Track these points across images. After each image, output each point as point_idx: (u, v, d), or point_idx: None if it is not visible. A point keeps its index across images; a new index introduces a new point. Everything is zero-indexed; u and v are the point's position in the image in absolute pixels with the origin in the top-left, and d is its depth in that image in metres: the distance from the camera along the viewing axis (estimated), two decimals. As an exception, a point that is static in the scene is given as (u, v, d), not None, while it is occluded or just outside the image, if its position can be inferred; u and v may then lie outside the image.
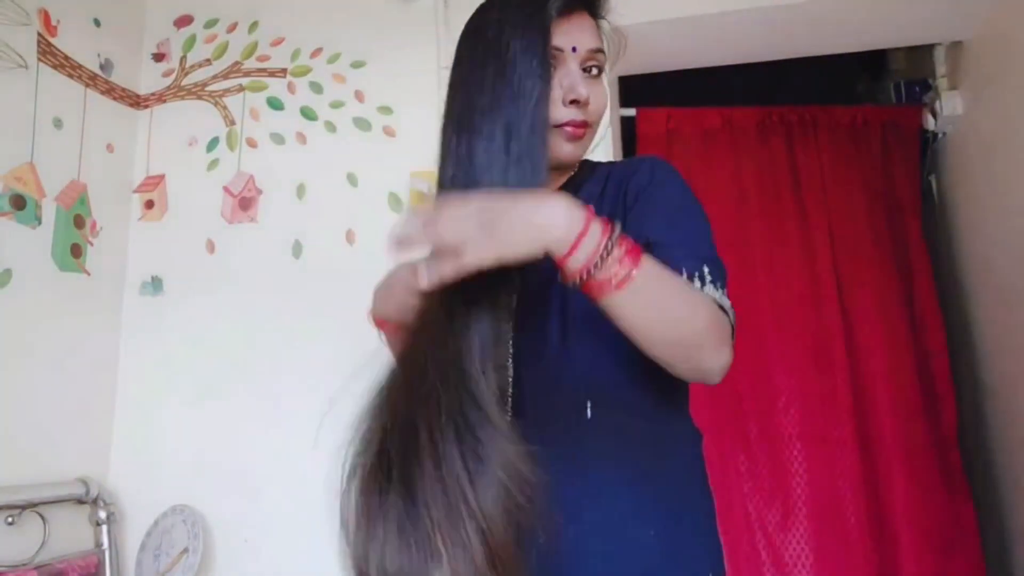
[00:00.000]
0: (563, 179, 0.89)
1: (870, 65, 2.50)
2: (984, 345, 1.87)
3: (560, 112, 0.80)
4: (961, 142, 1.95)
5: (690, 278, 0.71)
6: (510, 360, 0.76)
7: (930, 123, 1.99)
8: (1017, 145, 1.66)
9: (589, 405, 0.75)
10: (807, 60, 2.00)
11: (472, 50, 0.83)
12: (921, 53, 2.11)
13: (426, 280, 0.65)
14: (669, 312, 0.65)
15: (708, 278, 0.71)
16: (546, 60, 0.76)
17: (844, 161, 1.98)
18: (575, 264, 0.61)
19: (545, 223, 0.61)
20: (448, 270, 0.63)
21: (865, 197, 1.96)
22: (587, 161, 0.94)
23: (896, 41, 2.04)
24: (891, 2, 1.73)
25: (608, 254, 0.61)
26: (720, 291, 0.72)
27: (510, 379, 0.76)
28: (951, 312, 1.98)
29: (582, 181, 0.89)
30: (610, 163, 0.93)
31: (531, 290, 0.79)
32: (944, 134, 2.00)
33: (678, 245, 0.73)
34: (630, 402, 0.76)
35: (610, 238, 0.61)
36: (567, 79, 0.80)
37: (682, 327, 0.66)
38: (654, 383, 0.75)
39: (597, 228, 0.62)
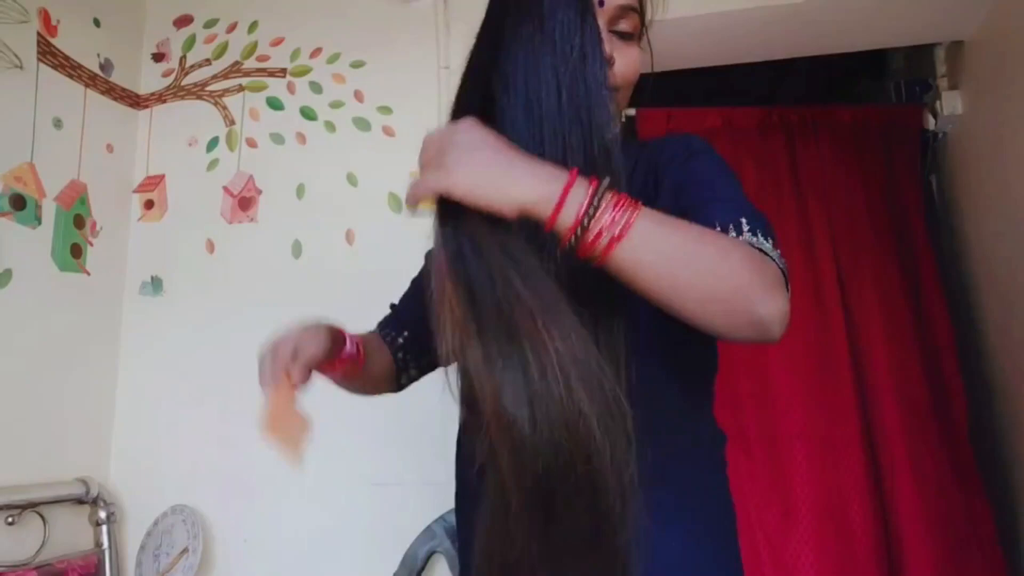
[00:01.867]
0: None
1: (870, 65, 2.50)
2: (986, 344, 1.87)
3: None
4: (961, 142, 1.95)
5: (724, 230, 0.63)
6: None
7: (930, 123, 1.99)
8: (1017, 145, 1.66)
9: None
10: (807, 60, 2.00)
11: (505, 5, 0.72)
12: (921, 53, 2.10)
13: (406, 200, 0.63)
14: (691, 260, 0.56)
15: (746, 227, 0.63)
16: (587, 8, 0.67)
17: (844, 161, 1.98)
18: (566, 219, 0.55)
19: (524, 176, 0.56)
20: (419, 189, 0.60)
21: (866, 196, 1.96)
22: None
23: (896, 41, 2.04)
24: (891, 2, 1.73)
25: (599, 201, 0.55)
26: (763, 239, 0.63)
27: None
28: (953, 311, 1.98)
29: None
30: (641, 143, 0.86)
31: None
32: (944, 134, 2.00)
33: (712, 202, 0.66)
34: (659, 401, 0.69)
35: (598, 187, 0.55)
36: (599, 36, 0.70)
37: (712, 275, 0.56)
38: (679, 382, 0.72)
39: (584, 180, 0.56)
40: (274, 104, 1.91)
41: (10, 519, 1.48)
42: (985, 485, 1.77)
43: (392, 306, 1.07)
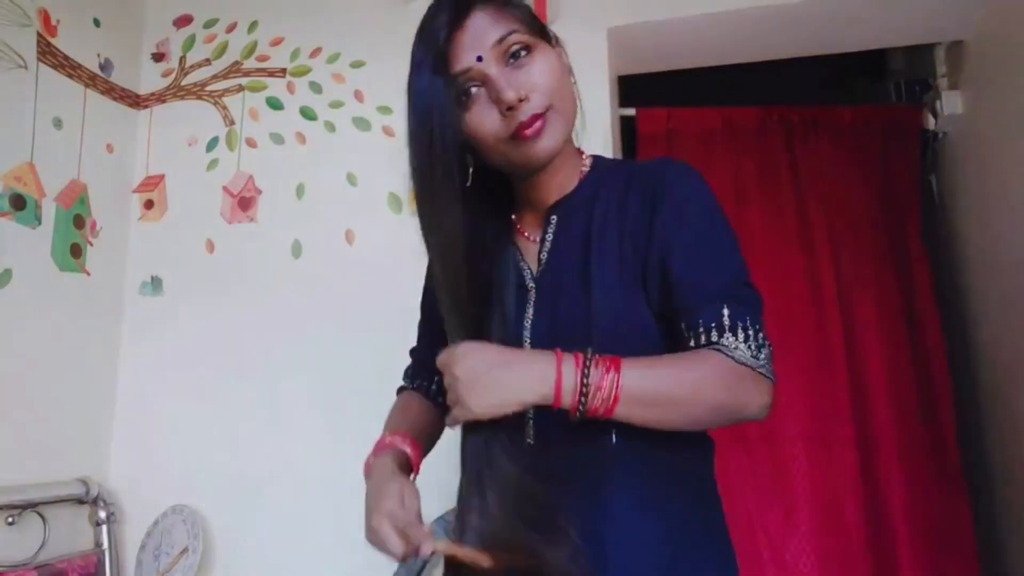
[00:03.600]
0: (573, 179, 0.86)
1: (870, 65, 2.50)
2: (984, 344, 1.87)
3: (503, 125, 0.77)
4: (961, 142, 1.95)
5: (707, 332, 0.73)
6: None
7: (930, 123, 1.99)
8: (1017, 145, 1.66)
9: (614, 434, 0.75)
10: (807, 60, 2.00)
11: (408, 110, 0.82)
12: (921, 53, 2.10)
13: (448, 424, 0.75)
14: (675, 404, 0.70)
15: (727, 324, 0.73)
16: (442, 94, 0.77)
17: (844, 161, 1.97)
18: (567, 406, 0.69)
19: (521, 383, 0.69)
20: (454, 421, 0.73)
21: (865, 197, 1.96)
22: (601, 158, 0.90)
23: (896, 41, 2.04)
24: (891, 2, 1.73)
25: (587, 389, 0.67)
26: (737, 333, 0.72)
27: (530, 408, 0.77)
28: (951, 311, 1.98)
29: (600, 181, 0.85)
30: (629, 164, 0.89)
31: (552, 313, 0.81)
32: (944, 134, 2.00)
33: (697, 287, 0.75)
34: (651, 433, 0.73)
35: (584, 376, 0.67)
36: (491, 89, 0.76)
37: (693, 408, 0.71)
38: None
39: (569, 371, 0.68)
40: (274, 104, 1.91)
41: (10, 519, 1.48)
42: (973, 489, 1.79)
43: (411, 353, 1.07)
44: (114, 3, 1.91)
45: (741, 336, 0.73)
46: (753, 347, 0.73)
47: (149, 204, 1.93)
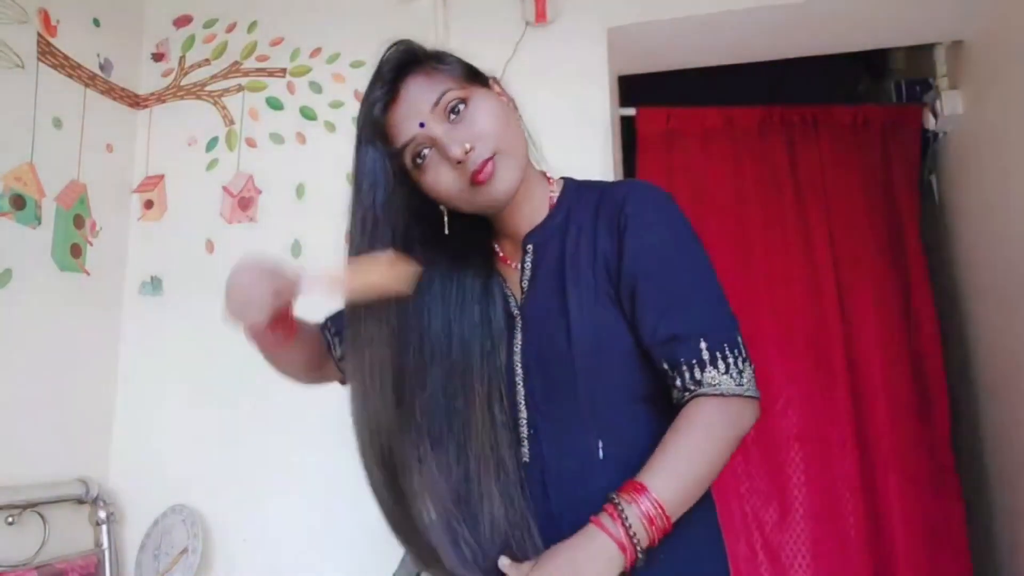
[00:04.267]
0: (544, 206, 0.89)
1: (871, 65, 2.50)
2: (982, 344, 1.87)
3: (458, 180, 0.81)
4: (962, 141, 1.95)
5: (689, 369, 0.76)
6: (523, 403, 0.83)
7: (931, 122, 1.98)
8: (1017, 144, 1.66)
9: (601, 445, 0.79)
10: (807, 60, 2.00)
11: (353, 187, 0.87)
12: (922, 53, 2.10)
13: None
14: (705, 480, 0.76)
15: (707, 358, 0.76)
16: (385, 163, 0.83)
17: (844, 161, 1.97)
18: (635, 551, 0.71)
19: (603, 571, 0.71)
20: None
21: (865, 197, 1.96)
22: (570, 181, 0.93)
23: (896, 41, 2.04)
24: (891, 2, 1.73)
25: (637, 539, 0.71)
26: (718, 365, 0.75)
27: (524, 420, 0.83)
28: (949, 311, 1.98)
29: (570, 207, 0.88)
30: (599, 186, 0.91)
31: (539, 339, 0.84)
32: (945, 133, 2.00)
33: (669, 322, 0.77)
34: (634, 443, 0.78)
35: (627, 530, 0.71)
36: (440, 149, 0.81)
37: (718, 468, 0.76)
38: (659, 419, 0.80)
39: (621, 533, 0.71)
40: (274, 104, 1.91)
41: (10, 519, 1.48)
42: (968, 488, 1.79)
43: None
44: (114, 3, 1.91)
45: (722, 367, 0.76)
46: (735, 374, 0.76)
47: (149, 204, 1.93)
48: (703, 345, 0.76)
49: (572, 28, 1.78)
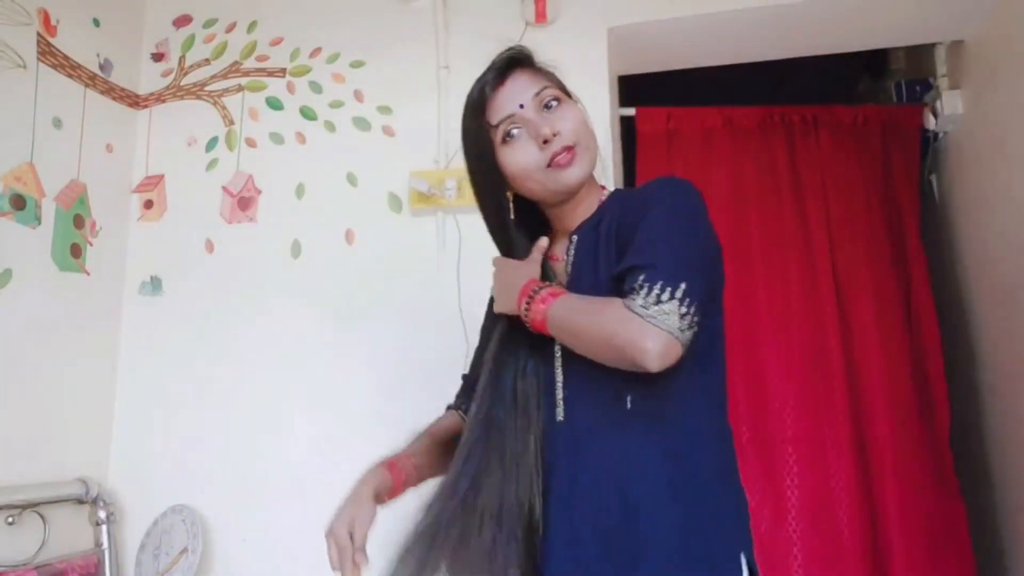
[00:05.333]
0: (594, 207, 1.01)
1: (871, 65, 2.49)
2: (982, 344, 1.87)
3: (540, 156, 0.94)
4: (962, 141, 1.95)
5: (628, 292, 0.84)
6: (560, 370, 0.94)
7: (931, 122, 1.98)
8: (1018, 144, 1.66)
9: (629, 398, 0.88)
10: (808, 60, 1.99)
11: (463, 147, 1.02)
12: (922, 52, 2.10)
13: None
14: (583, 332, 0.88)
15: (638, 286, 0.83)
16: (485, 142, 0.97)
17: (845, 160, 1.97)
18: (523, 314, 0.92)
19: (512, 293, 0.94)
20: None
21: (865, 197, 1.95)
22: (619, 190, 1.08)
23: (897, 41, 2.04)
24: (892, 2, 1.73)
25: (531, 302, 0.91)
26: (644, 291, 0.82)
27: (560, 384, 0.94)
28: (949, 311, 1.98)
29: (610, 209, 0.99)
30: (634, 188, 1.07)
31: None
32: (945, 133, 2.00)
33: (641, 267, 0.86)
34: (663, 394, 0.88)
35: (532, 292, 0.91)
36: (530, 127, 0.94)
37: (595, 340, 0.86)
38: (680, 381, 0.88)
39: (530, 287, 0.92)
40: (273, 104, 1.91)
41: (10, 519, 1.48)
42: (969, 488, 1.79)
43: (463, 377, 1.16)
44: (114, 3, 1.91)
45: (643, 292, 0.83)
46: (650, 301, 0.82)
47: (149, 204, 1.93)
48: (641, 277, 0.83)
49: (572, 28, 1.78)
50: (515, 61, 0.98)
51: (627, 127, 1.98)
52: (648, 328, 0.81)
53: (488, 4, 1.83)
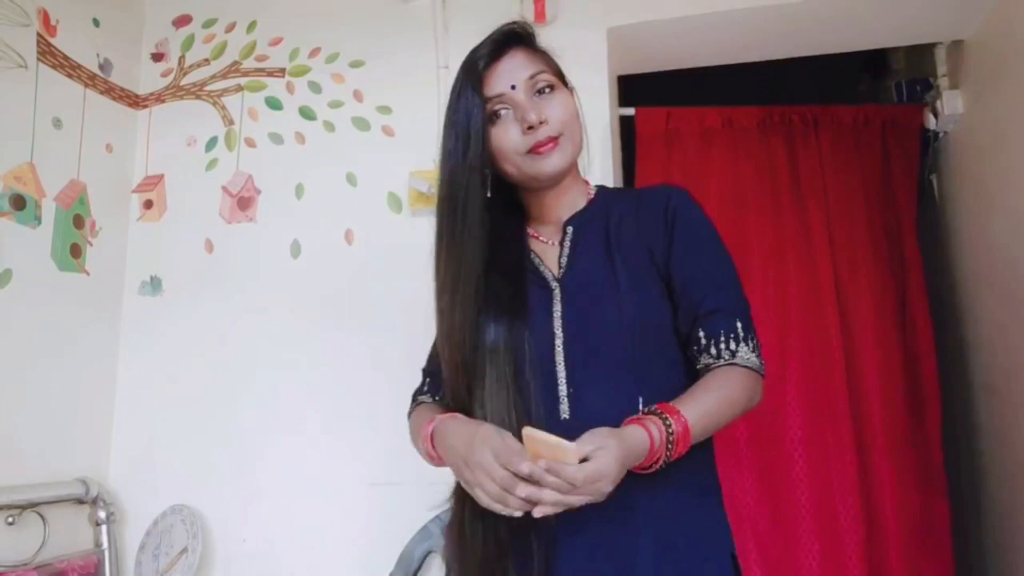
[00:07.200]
0: (582, 200, 1.01)
1: (871, 64, 2.49)
2: (980, 344, 1.87)
3: (523, 141, 0.93)
4: (962, 141, 1.94)
5: (726, 340, 0.90)
6: (563, 364, 0.90)
7: (931, 122, 1.98)
8: (1018, 144, 1.66)
9: (641, 400, 0.88)
10: (808, 60, 1.99)
11: (445, 119, 0.98)
12: (922, 52, 2.10)
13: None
14: (720, 424, 0.87)
15: (741, 335, 0.90)
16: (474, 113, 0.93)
17: (845, 160, 1.97)
18: (658, 465, 0.83)
19: (624, 465, 0.79)
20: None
21: (865, 197, 1.95)
22: (604, 187, 1.07)
23: (897, 40, 2.03)
24: (891, 2, 1.73)
25: (671, 449, 0.82)
26: (748, 343, 0.90)
27: (563, 380, 0.90)
28: (948, 311, 1.98)
29: (609, 201, 1.01)
30: (633, 189, 1.10)
31: (583, 306, 0.93)
32: (945, 133, 2.00)
33: (718, 311, 0.91)
34: (669, 395, 0.88)
35: (667, 444, 0.82)
36: (518, 111, 0.93)
37: (731, 420, 0.89)
38: (684, 382, 0.91)
39: (657, 435, 0.81)
40: (273, 104, 1.91)
41: (10, 519, 1.48)
42: (962, 489, 1.80)
43: (424, 371, 1.15)
44: (113, 3, 1.91)
45: (751, 345, 0.90)
46: (758, 352, 0.91)
47: (148, 204, 1.93)
48: (739, 324, 0.90)
49: (571, 28, 1.78)
50: (515, 37, 0.96)
51: (627, 127, 1.98)
52: (753, 376, 0.90)
53: (487, 4, 1.83)
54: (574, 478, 0.73)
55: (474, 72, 0.94)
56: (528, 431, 0.76)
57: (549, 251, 0.99)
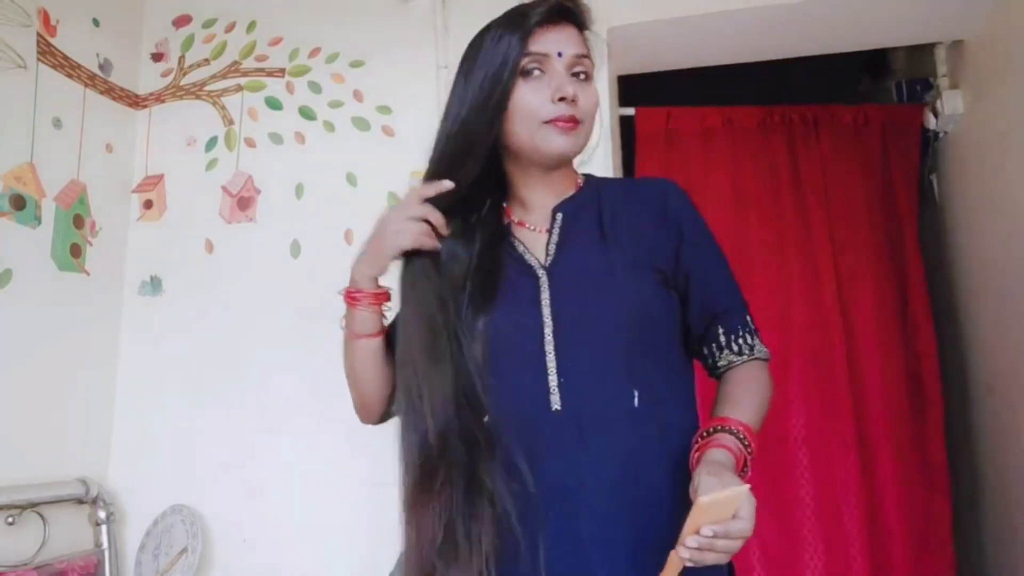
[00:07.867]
0: (571, 188, 0.99)
1: (871, 64, 2.49)
2: (980, 343, 1.87)
3: (549, 108, 0.89)
4: (962, 141, 1.94)
5: (743, 336, 0.93)
6: (552, 354, 0.87)
7: (931, 122, 1.98)
8: (1018, 144, 1.66)
9: (636, 394, 0.86)
10: (808, 60, 1.99)
11: (464, 60, 0.96)
12: (922, 52, 2.10)
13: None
14: (764, 417, 0.91)
15: (753, 328, 0.95)
16: (511, 66, 0.89)
17: (845, 160, 1.97)
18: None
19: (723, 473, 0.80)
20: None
21: (865, 197, 1.96)
22: (591, 176, 1.04)
23: (897, 40, 2.04)
24: (891, 2, 1.73)
25: (747, 465, 0.86)
26: (757, 335, 0.95)
27: (553, 370, 0.86)
28: (948, 311, 1.98)
29: (598, 190, 0.99)
30: (621, 179, 1.09)
31: (575, 296, 0.90)
32: (945, 133, 2.00)
33: (731, 308, 0.95)
34: (665, 392, 0.90)
35: (745, 463, 0.85)
36: (555, 80, 0.89)
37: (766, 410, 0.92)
38: (681, 379, 0.94)
39: (739, 465, 0.84)
40: (273, 104, 1.91)
41: (10, 519, 1.48)
42: (963, 488, 1.80)
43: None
44: (113, 3, 1.91)
45: (759, 336, 0.95)
46: (758, 340, 0.94)
47: (148, 204, 1.93)
48: (748, 318, 0.94)
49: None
50: (570, 14, 0.93)
51: (627, 127, 1.98)
52: (767, 365, 0.95)
53: (488, 4, 1.82)
54: (744, 532, 0.74)
55: (523, 24, 0.90)
56: (702, 501, 0.71)
57: (536, 238, 0.95)
